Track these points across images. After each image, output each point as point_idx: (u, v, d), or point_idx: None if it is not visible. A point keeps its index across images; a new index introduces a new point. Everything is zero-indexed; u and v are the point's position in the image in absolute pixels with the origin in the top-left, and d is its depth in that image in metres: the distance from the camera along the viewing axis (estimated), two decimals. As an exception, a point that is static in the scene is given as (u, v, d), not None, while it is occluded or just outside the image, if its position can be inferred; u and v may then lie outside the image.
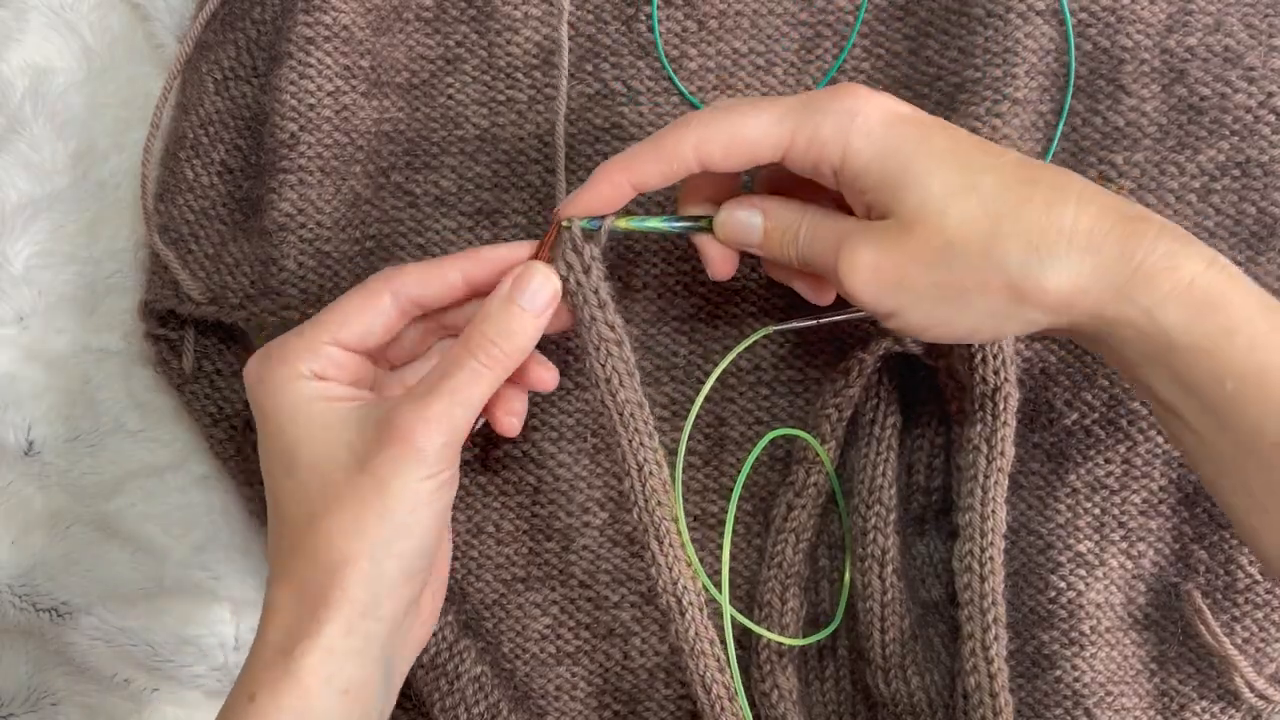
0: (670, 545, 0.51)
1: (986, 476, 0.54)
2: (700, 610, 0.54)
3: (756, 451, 0.53)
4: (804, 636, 0.58)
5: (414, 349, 0.55)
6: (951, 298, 0.46)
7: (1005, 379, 0.54)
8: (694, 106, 0.60)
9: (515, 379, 0.52)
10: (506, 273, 0.50)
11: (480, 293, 0.52)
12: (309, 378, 0.49)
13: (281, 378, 0.49)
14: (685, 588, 0.52)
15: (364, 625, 0.47)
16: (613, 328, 0.50)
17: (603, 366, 0.50)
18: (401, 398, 0.49)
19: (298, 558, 0.48)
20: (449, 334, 0.55)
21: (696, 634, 0.51)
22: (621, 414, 0.50)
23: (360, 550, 0.47)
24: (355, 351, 0.51)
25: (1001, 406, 0.54)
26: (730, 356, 0.56)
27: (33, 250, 0.64)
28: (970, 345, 0.54)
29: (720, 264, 0.52)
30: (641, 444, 0.50)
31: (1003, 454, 0.54)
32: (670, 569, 0.52)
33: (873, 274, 0.46)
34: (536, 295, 0.50)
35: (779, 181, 0.52)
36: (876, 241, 0.46)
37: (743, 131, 0.48)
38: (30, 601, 0.62)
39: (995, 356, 0.54)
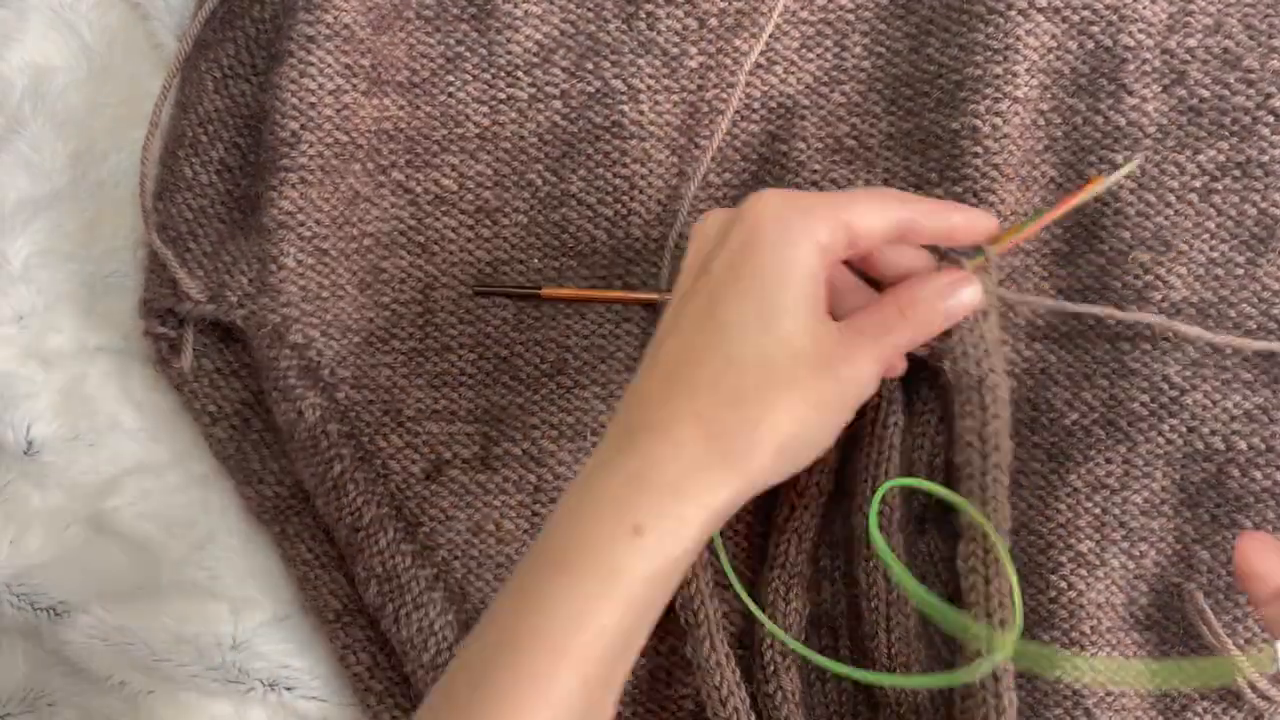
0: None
1: (983, 474, 0.53)
2: (716, 626, 0.54)
3: (876, 503, 0.53)
4: (805, 636, 0.58)
5: None
6: None
7: (990, 369, 0.53)
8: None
9: None
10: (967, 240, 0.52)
11: (944, 244, 0.53)
12: (820, 247, 0.48)
13: (800, 230, 0.48)
14: (702, 604, 0.53)
15: (733, 507, 0.47)
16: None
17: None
18: (854, 327, 0.50)
19: (729, 410, 0.46)
20: None
21: (711, 648, 0.52)
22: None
23: (786, 439, 0.47)
24: (849, 245, 0.50)
25: (989, 399, 0.53)
26: None
27: (32, 249, 0.64)
28: (950, 339, 0.53)
29: None
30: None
31: (997, 448, 0.53)
32: (689, 585, 0.53)
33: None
34: (960, 305, 0.52)
35: None
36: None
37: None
38: (29, 600, 0.62)
39: (976, 346, 0.54)
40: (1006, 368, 0.54)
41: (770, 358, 0.47)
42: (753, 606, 0.55)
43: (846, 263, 0.53)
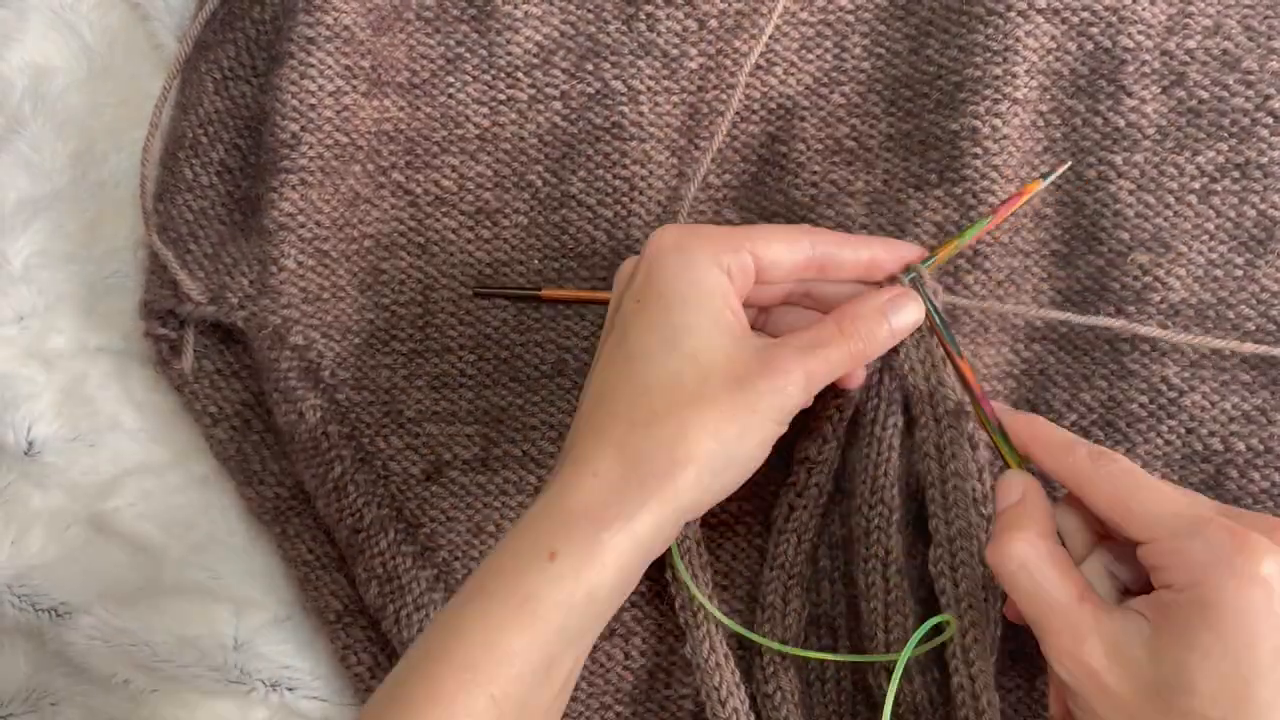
0: (691, 562, 0.53)
1: (944, 482, 0.54)
2: (715, 626, 0.54)
3: (915, 639, 0.53)
4: (804, 636, 0.58)
5: None
6: None
7: (939, 382, 0.54)
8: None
9: None
10: (890, 269, 0.53)
11: (868, 279, 0.53)
12: (722, 271, 0.50)
13: (700, 256, 0.49)
14: (702, 604, 0.53)
15: (667, 527, 0.47)
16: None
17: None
18: (778, 341, 0.50)
19: (642, 433, 0.47)
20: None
21: (711, 648, 0.53)
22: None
23: (706, 457, 0.47)
24: (756, 275, 0.51)
25: (941, 410, 0.54)
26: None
27: (32, 250, 0.64)
28: (898, 355, 0.54)
29: None
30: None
31: (955, 457, 0.54)
32: (689, 585, 0.54)
33: (1090, 674, 0.45)
34: (904, 323, 0.52)
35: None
36: (1116, 655, 0.45)
37: (1136, 501, 0.47)
38: (30, 601, 0.62)
39: (923, 363, 0.54)
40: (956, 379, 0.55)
41: (678, 378, 0.48)
42: (721, 616, 0.55)
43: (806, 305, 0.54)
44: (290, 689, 0.61)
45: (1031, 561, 0.47)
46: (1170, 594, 0.45)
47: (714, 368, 0.48)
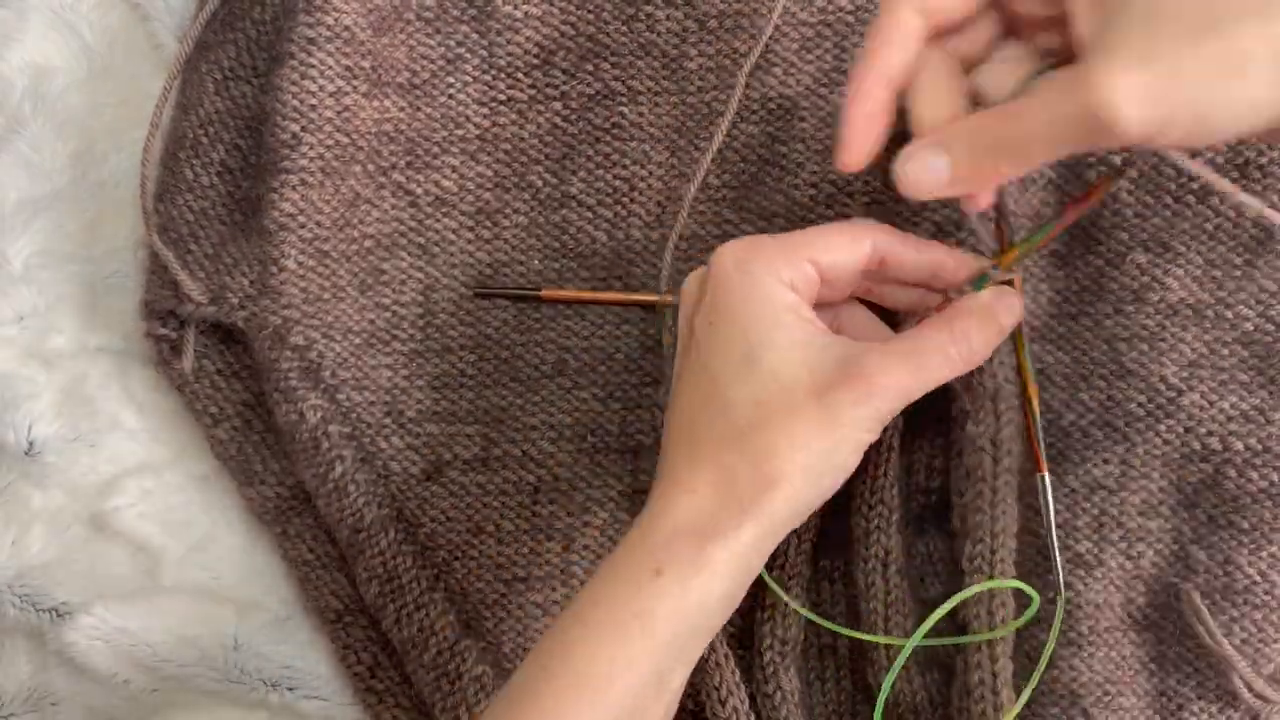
0: None
1: (995, 477, 0.54)
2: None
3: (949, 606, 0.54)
4: (804, 636, 0.58)
5: None
6: (1226, 72, 0.40)
7: (1005, 379, 0.54)
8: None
9: None
10: (957, 277, 0.52)
11: (931, 286, 0.53)
12: (786, 285, 0.50)
13: (763, 273, 0.49)
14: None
15: (767, 540, 0.48)
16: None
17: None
18: (869, 347, 0.49)
19: (734, 451, 0.48)
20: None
21: (711, 648, 0.53)
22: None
23: (796, 472, 0.47)
24: (820, 281, 0.51)
25: (1003, 407, 0.54)
26: None
27: (32, 250, 0.64)
28: None
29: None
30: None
31: (1009, 452, 0.54)
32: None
33: (1143, 87, 0.40)
34: (1011, 320, 0.52)
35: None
36: (1136, 43, 0.40)
37: None
38: (30, 601, 0.62)
39: (991, 360, 0.54)
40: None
41: (762, 394, 0.48)
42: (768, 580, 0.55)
43: (865, 302, 0.54)
44: (291, 689, 0.61)
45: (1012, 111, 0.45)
46: None
47: (796, 382, 0.48)
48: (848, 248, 0.51)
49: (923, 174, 0.46)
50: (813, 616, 0.56)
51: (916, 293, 0.53)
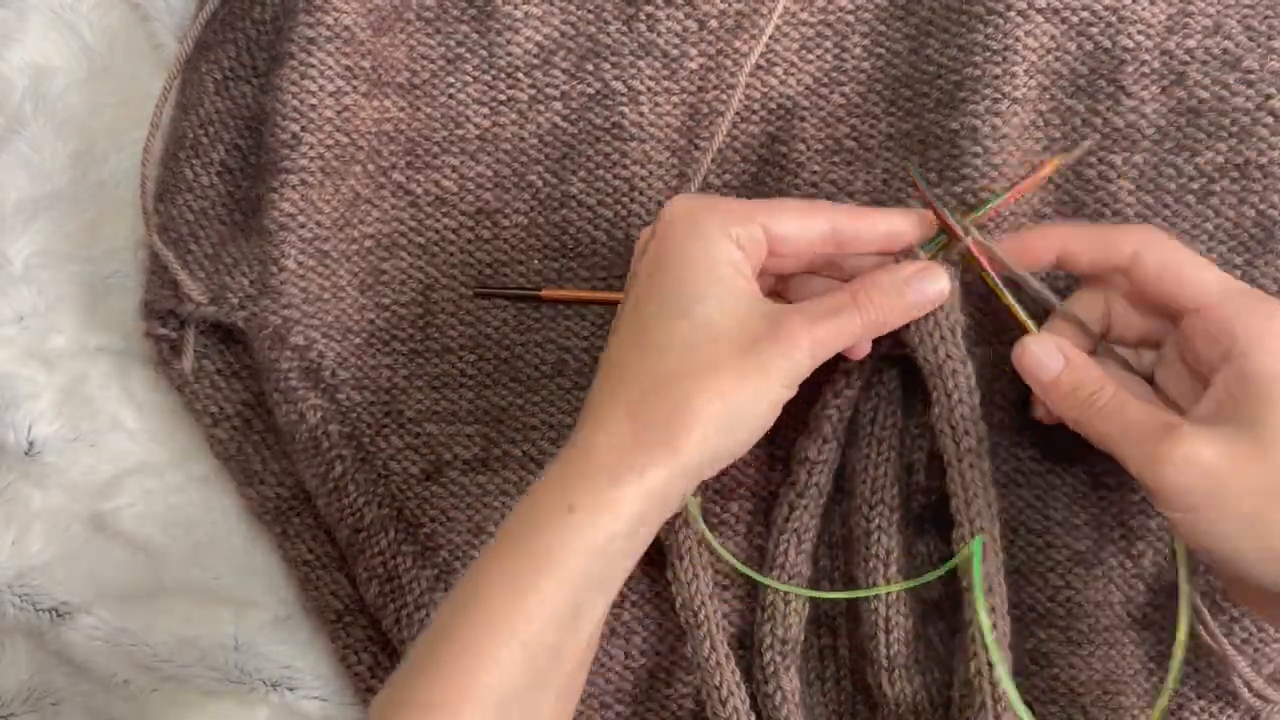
0: (691, 561, 0.54)
1: (960, 460, 0.54)
2: (716, 626, 0.54)
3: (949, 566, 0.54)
4: (804, 636, 0.58)
5: None
6: (1252, 525, 0.47)
7: (948, 355, 0.54)
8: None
9: None
10: (909, 240, 0.53)
11: (889, 251, 0.54)
12: (732, 241, 0.51)
13: (711, 224, 0.51)
14: (703, 604, 0.54)
15: (679, 482, 0.49)
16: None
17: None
18: (790, 307, 0.51)
19: (654, 395, 0.49)
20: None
21: (711, 648, 0.53)
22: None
23: (715, 419, 0.49)
24: (768, 249, 0.52)
25: (952, 384, 0.54)
26: None
27: (33, 250, 0.64)
28: (908, 326, 0.54)
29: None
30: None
31: (967, 433, 0.54)
32: (689, 585, 0.54)
33: (1201, 475, 0.47)
34: (926, 294, 0.53)
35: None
36: (1218, 445, 0.47)
37: (1188, 268, 0.50)
38: (30, 601, 0.62)
39: (933, 334, 0.54)
40: (964, 354, 0.54)
41: (690, 342, 0.50)
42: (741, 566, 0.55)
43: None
44: (290, 689, 0.61)
45: (1112, 404, 0.50)
46: (1239, 361, 0.48)
47: (725, 333, 0.50)
48: (802, 224, 0.52)
49: (1042, 361, 0.52)
50: (731, 559, 0.56)
51: (875, 260, 0.54)
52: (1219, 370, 0.49)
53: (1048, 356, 0.52)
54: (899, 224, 0.53)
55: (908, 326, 0.54)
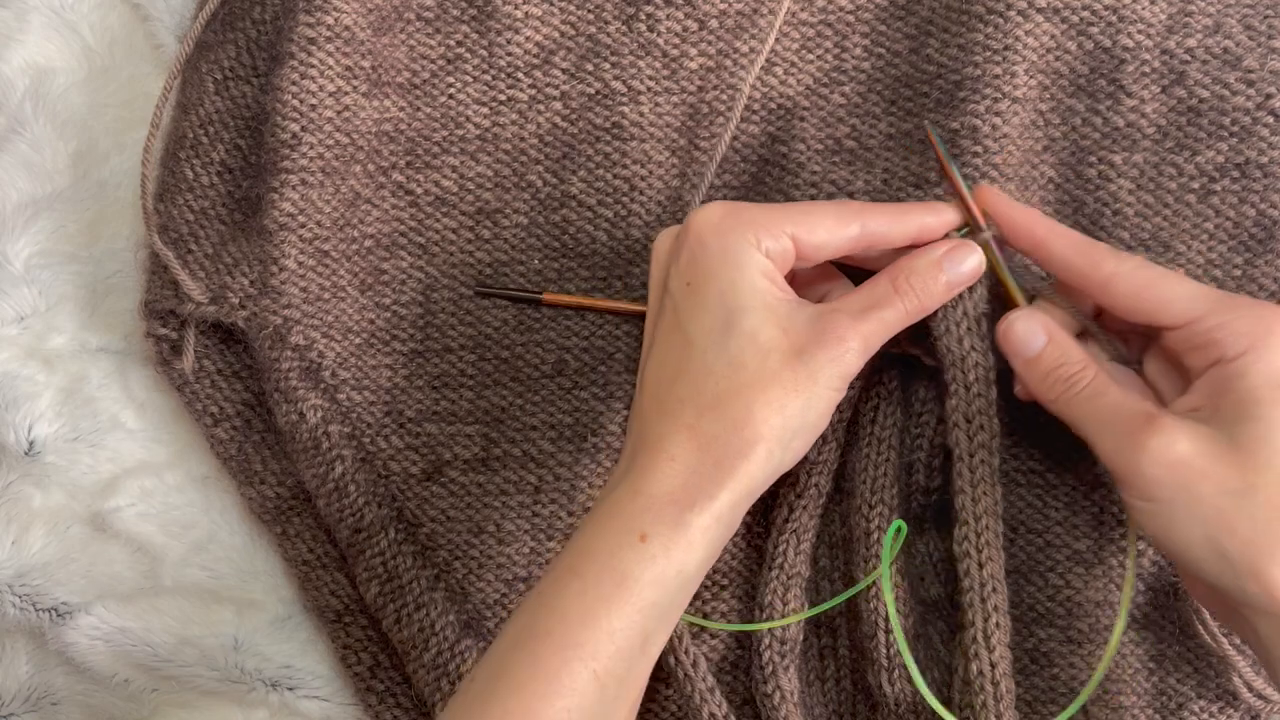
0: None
1: (971, 455, 0.54)
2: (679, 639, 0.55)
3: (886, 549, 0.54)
4: (804, 636, 0.58)
5: None
6: (1214, 527, 0.47)
7: (972, 347, 0.54)
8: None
9: None
10: (939, 234, 0.53)
11: (918, 244, 0.54)
12: (761, 253, 0.51)
13: (742, 238, 0.51)
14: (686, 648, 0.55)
15: (744, 503, 0.50)
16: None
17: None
18: (832, 307, 0.51)
19: (712, 417, 0.49)
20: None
21: (676, 660, 0.55)
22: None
23: (775, 432, 0.49)
24: (798, 257, 0.52)
25: (973, 377, 0.54)
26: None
27: (33, 250, 0.64)
28: (933, 315, 0.54)
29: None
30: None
31: (982, 428, 0.54)
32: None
33: (1174, 468, 0.47)
34: (961, 272, 0.53)
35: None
36: (1199, 437, 0.47)
37: (1164, 286, 0.50)
38: (30, 601, 0.62)
39: (959, 324, 0.54)
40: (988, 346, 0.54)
41: (739, 358, 0.50)
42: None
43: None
44: (290, 689, 0.61)
45: (1091, 388, 0.50)
46: (1224, 366, 0.48)
47: (772, 345, 0.50)
48: (833, 230, 0.52)
49: (1025, 337, 0.52)
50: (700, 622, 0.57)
51: (899, 253, 0.54)
52: (1205, 372, 0.49)
53: (1030, 334, 0.52)
54: (927, 219, 0.53)
55: (934, 315, 0.54)
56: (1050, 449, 0.59)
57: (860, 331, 0.50)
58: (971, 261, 0.53)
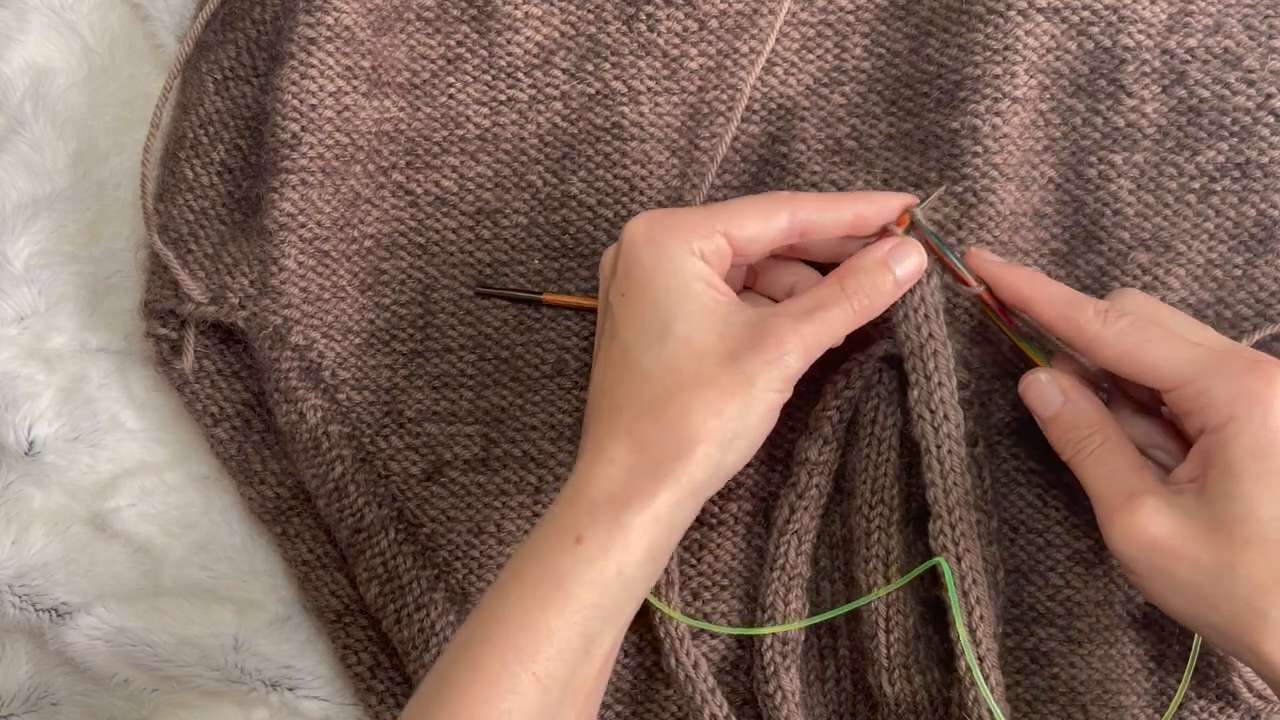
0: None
1: (939, 446, 0.54)
2: (678, 641, 0.55)
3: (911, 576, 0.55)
4: (804, 636, 0.58)
5: None
6: (1197, 603, 0.47)
7: (930, 335, 0.54)
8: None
9: None
10: (881, 231, 0.54)
11: (856, 235, 0.54)
12: (696, 256, 0.51)
13: (673, 244, 0.51)
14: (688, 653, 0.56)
15: (687, 503, 0.50)
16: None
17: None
18: (774, 309, 0.52)
19: (649, 420, 0.50)
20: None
21: (677, 661, 0.55)
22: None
23: (713, 434, 0.49)
24: (733, 253, 0.52)
25: (933, 365, 0.54)
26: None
27: (33, 250, 0.64)
28: (896, 303, 0.54)
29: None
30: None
31: (946, 417, 0.54)
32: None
33: (1148, 549, 0.48)
34: (908, 269, 0.53)
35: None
36: (1174, 519, 0.48)
37: (1150, 350, 0.50)
38: (30, 601, 0.62)
39: (916, 311, 0.54)
40: (946, 335, 0.54)
41: (674, 363, 0.50)
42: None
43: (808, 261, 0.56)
44: (290, 689, 0.61)
45: (1098, 453, 0.51)
46: (1209, 436, 0.48)
47: (707, 348, 0.50)
48: (762, 222, 0.52)
49: (1044, 397, 0.53)
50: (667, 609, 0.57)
51: (838, 241, 0.55)
52: (1198, 438, 0.49)
53: (1048, 394, 0.53)
54: (860, 207, 0.53)
55: (892, 307, 0.54)
56: (1050, 449, 0.59)
57: (800, 334, 0.50)
58: (916, 257, 0.53)
